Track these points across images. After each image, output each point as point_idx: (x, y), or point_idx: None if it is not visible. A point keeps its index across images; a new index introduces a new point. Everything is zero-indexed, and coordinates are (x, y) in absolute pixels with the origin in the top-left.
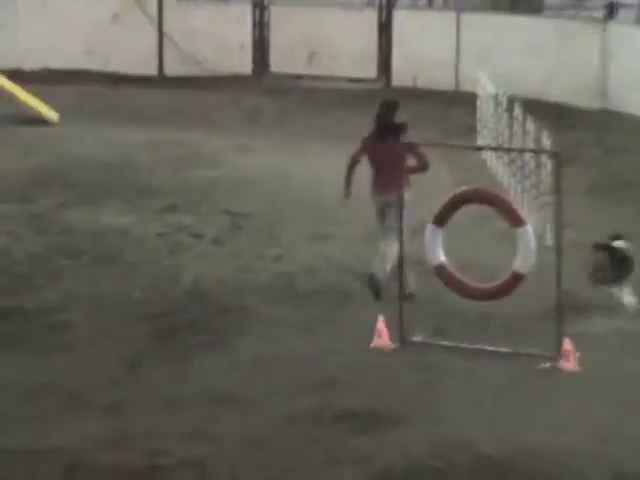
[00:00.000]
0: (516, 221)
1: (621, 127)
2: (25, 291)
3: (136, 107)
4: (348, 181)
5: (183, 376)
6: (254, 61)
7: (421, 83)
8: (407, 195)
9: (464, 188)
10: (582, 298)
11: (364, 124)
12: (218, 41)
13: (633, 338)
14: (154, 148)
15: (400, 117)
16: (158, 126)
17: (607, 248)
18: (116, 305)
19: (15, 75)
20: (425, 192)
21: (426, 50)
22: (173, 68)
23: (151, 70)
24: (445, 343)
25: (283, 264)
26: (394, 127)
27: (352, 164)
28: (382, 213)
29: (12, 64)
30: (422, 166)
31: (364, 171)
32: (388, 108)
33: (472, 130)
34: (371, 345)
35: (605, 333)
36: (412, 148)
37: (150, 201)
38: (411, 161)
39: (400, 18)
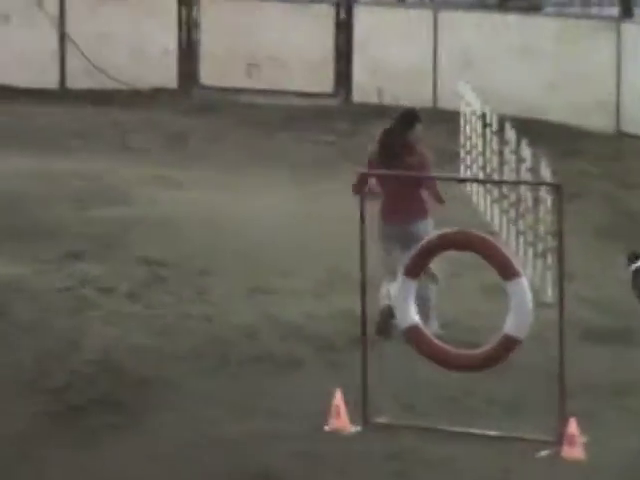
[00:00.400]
0: (508, 272)
1: (637, 154)
2: None
3: (30, 128)
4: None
5: (87, 465)
6: (180, 71)
7: (389, 98)
8: (426, 225)
9: (443, 230)
10: (589, 368)
11: (318, 149)
12: (135, 46)
13: None
14: (51, 180)
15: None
16: (57, 152)
17: None
18: (2, 376)
19: None
20: None
21: (395, 57)
22: (78, 80)
23: (50, 82)
24: (419, 424)
25: (214, 325)
26: (399, 147)
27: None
28: (393, 245)
29: None
30: (434, 198)
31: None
32: (403, 123)
33: (454, 157)
34: (326, 427)
35: (616, 412)
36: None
37: (47, 246)
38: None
39: (363, 16)
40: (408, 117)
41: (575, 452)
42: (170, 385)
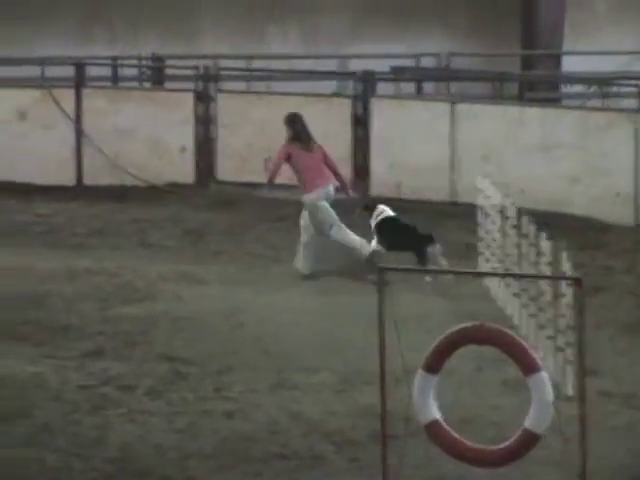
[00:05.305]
0: (528, 366)
1: None
2: None
3: (49, 226)
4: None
5: None
6: (197, 167)
7: (407, 192)
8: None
9: (463, 325)
10: (612, 462)
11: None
12: (152, 142)
13: None
14: (73, 278)
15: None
16: (78, 250)
17: None
18: (24, 475)
19: None
20: (412, 328)
21: (413, 150)
22: (96, 176)
23: (68, 179)
24: None
25: (236, 422)
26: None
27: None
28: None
29: None
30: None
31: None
32: (299, 121)
33: (472, 250)
34: None
35: None
36: (325, 156)
37: (68, 344)
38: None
39: (380, 110)
40: (294, 120)
41: None
42: None
